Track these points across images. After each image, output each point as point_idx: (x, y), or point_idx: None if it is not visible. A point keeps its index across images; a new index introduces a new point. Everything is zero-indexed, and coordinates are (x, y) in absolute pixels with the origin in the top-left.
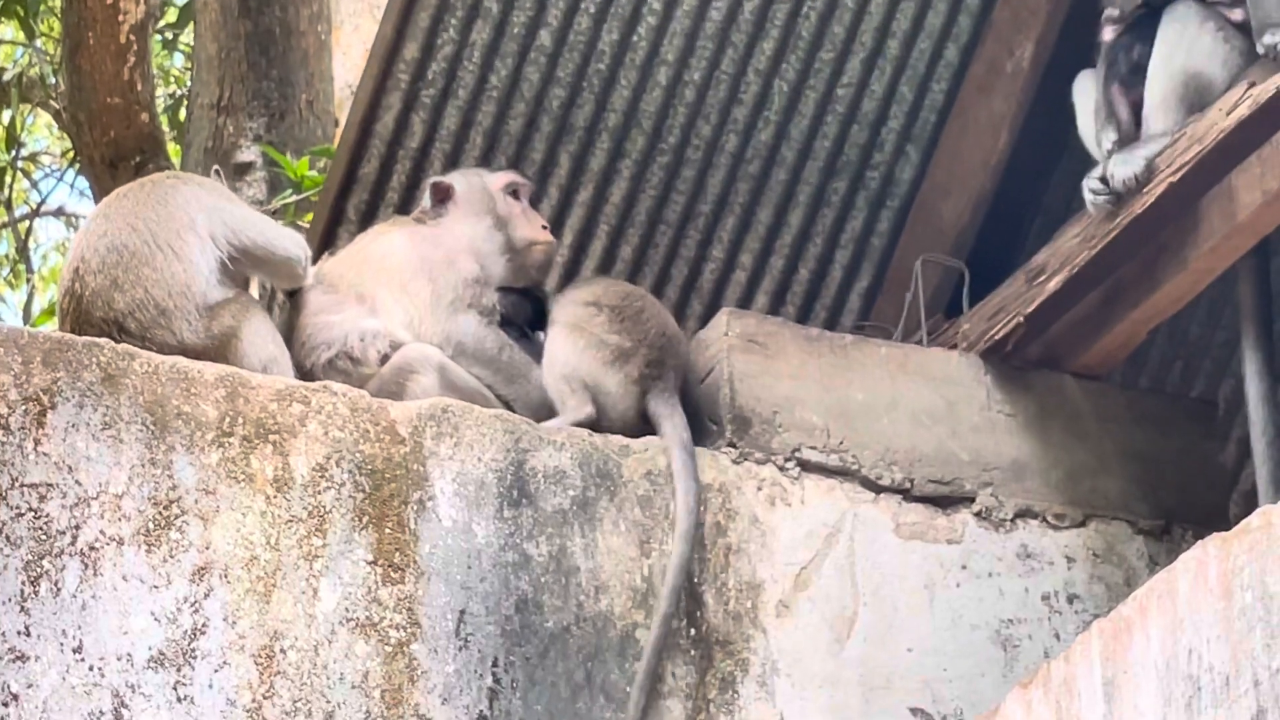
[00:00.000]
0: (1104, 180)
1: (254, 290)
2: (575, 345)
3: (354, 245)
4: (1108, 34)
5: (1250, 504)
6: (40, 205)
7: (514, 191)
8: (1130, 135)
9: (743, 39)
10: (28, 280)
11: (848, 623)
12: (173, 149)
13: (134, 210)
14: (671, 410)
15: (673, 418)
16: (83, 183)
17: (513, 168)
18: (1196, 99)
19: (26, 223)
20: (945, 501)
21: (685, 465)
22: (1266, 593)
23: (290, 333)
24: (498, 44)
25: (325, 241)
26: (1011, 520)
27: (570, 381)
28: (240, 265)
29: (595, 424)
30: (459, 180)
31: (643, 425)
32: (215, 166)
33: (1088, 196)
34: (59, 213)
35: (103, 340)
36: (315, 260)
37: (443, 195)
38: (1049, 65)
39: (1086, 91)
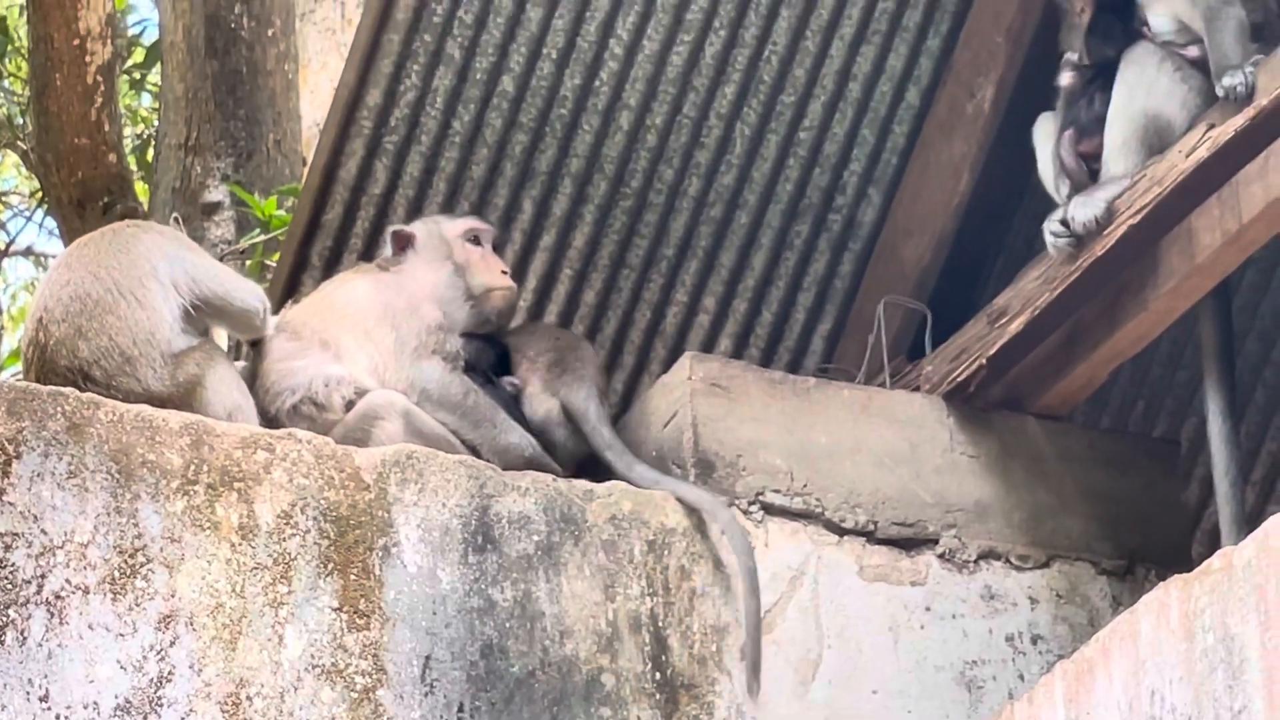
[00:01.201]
0: (1065, 223)
1: (220, 339)
2: None
3: (317, 293)
4: (1065, 79)
5: (1213, 543)
6: (9, 245)
7: (474, 237)
8: (1083, 184)
9: (704, 83)
10: None
11: (812, 665)
12: (141, 189)
13: (96, 259)
14: (586, 403)
15: (586, 412)
16: (51, 223)
17: (476, 213)
18: (1156, 140)
19: None
20: (909, 543)
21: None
22: (1228, 634)
23: (254, 379)
24: (460, 90)
25: (289, 288)
26: (975, 561)
27: None
28: (201, 314)
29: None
30: (419, 228)
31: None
32: (175, 214)
33: (1048, 239)
34: (28, 252)
35: (67, 389)
36: (279, 308)
37: (403, 243)
38: (1009, 107)
39: (1047, 134)
